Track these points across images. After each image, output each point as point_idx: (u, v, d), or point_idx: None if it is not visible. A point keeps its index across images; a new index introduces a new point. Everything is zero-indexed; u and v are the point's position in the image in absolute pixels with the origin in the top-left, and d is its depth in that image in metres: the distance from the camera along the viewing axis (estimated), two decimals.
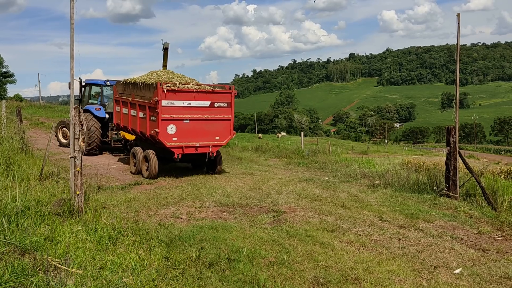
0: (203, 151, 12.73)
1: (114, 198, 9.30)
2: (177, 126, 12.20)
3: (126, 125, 14.32)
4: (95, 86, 18.28)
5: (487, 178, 11.55)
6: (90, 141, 16.65)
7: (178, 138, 12.23)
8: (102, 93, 18.02)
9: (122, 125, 14.82)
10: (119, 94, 14.97)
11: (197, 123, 12.51)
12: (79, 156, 6.99)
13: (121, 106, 14.78)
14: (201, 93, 12.49)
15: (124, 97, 14.46)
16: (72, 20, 7.03)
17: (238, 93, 13.91)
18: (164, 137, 12.01)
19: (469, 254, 6.44)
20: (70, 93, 7.29)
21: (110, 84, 17.67)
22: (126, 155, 16.63)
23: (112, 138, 17.23)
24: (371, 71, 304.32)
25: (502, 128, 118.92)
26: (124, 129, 14.83)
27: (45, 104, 45.28)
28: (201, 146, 12.62)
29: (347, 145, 54.18)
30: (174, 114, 12.10)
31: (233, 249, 6.04)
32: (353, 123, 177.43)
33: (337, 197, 10.29)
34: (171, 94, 11.96)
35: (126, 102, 14.23)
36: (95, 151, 17.04)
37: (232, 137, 13.43)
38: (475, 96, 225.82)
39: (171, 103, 12.00)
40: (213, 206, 9.03)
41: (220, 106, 12.83)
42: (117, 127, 15.81)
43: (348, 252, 6.27)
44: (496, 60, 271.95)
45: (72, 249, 5.37)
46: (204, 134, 12.65)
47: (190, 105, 12.32)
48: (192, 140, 12.46)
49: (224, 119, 12.99)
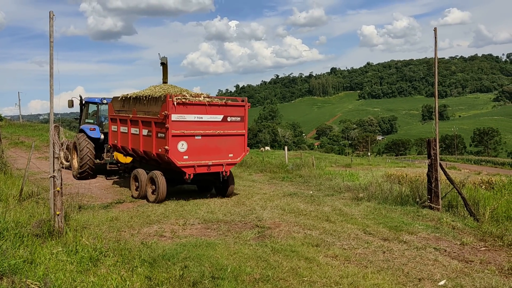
0: (216, 170, 11.68)
1: (96, 217, 9.14)
2: (188, 143, 11.13)
3: (125, 145, 13.11)
4: (92, 105, 17.28)
5: (469, 189, 11.68)
6: (82, 163, 15.43)
7: (190, 156, 11.13)
8: (99, 112, 16.94)
9: (119, 146, 13.49)
10: (116, 111, 13.68)
11: (209, 139, 11.49)
12: (59, 176, 6.88)
13: (118, 124, 13.47)
14: (213, 106, 11.52)
15: (122, 114, 13.20)
16: (52, 38, 6.98)
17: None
18: (174, 156, 10.89)
19: (453, 266, 6.48)
20: (50, 111, 7.19)
21: (107, 102, 16.31)
22: (120, 178, 15.98)
23: (106, 160, 15.91)
24: (353, 85, 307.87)
25: (482, 139, 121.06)
26: (122, 150, 13.65)
27: (25, 123, 44.64)
28: (214, 164, 11.56)
29: (331, 158, 54.49)
30: (185, 130, 11.05)
31: (218, 267, 5.97)
32: (336, 136, 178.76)
33: (322, 211, 10.30)
34: (181, 107, 10.94)
35: (125, 119, 13.00)
36: (88, 175, 15.69)
37: (246, 154, 12.47)
38: (454, 108, 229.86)
39: (181, 118, 10.97)
40: (197, 223, 8.95)
41: (233, 120, 11.88)
42: (113, 148, 14.45)
43: (333, 267, 6.25)
44: (474, 73, 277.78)
45: (52, 271, 5.25)
46: (217, 151, 11.62)
47: (201, 119, 11.31)
48: (204, 158, 11.37)
49: (238, 134, 12.02)
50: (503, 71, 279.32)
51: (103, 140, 16.01)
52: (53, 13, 7.04)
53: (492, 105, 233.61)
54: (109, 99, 15.85)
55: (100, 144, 16.05)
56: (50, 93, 6.98)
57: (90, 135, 15.86)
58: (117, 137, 13.57)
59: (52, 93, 6.99)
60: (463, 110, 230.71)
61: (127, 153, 13.54)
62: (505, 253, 7.23)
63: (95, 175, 16.18)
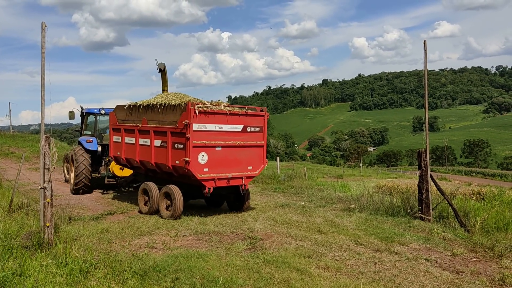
0: (236, 184, 11.07)
1: (86, 229, 9.06)
2: (209, 154, 10.50)
3: (131, 157, 12.21)
4: (91, 115, 16.39)
5: (459, 200, 11.77)
6: (77, 178, 14.56)
7: (210, 168, 10.48)
8: (97, 123, 16.09)
9: (123, 158, 12.59)
10: (120, 121, 12.76)
11: (229, 151, 10.91)
12: (49, 187, 6.83)
13: (123, 134, 12.55)
14: (234, 115, 10.96)
15: (128, 123, 12.33)
16: (44, 48, 6.99)
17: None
18: (195, 168, 10.21)
19: (444, 277, 6.50)
20: (41, 122, 7.16)
21: (105, 113, 15.72)
22: (116, 192, 15.38)
23: (102, 174, 15.10)
24: (344, 96, 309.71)
25: (472, 150, 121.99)
26: (126, 162, 12.75)
27: (15, 134, 44.25)
28: (234, 177, 10.96)
29: (323, 169, 54.51)
30: (206, 140, 10.44)
31: (209, 279, 5.94)
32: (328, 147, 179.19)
33: (313, 222, 10.30)
34: (203, 116, 10.33)
35: (131, 129, 12.15)
36: (84, 190, 14.81)
37: (264, 166, 11.92)
38: (444, 119, 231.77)
39: (202, 127, 10.34)
40: (188, 235, 8.90)
41: (252, 130, 11.34)
42: (115, 160, 13.49)
43: (325, 278, 6.24)
44: (463, 85, 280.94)
45: (42, 283, 5.20)
46: (236, 163, 11.05)
47: (222, 129, 10.73)
48: (224, 171, 10.76)
49: (257, 145, 11.49)
50: (492, 83, 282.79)
51: (100, 152, 15.26)
52: (45, 24, 7.06)
53: (481, 117, 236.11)
54: (108, 109, 15.36)
55: (98, 156, 15.29)
56: (42, 103, 6.97)
57: (87, 147, 15.03)
58: (120, 149, 12.71)
59: (44, 103, 6.97)
60: (453, 121, 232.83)
61: (131, 165, 12.76)
62: (496, 264, 7.27)
63: (91, 190, 15.28)
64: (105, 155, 15.15)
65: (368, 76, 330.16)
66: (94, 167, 15.12)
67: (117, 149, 12.95)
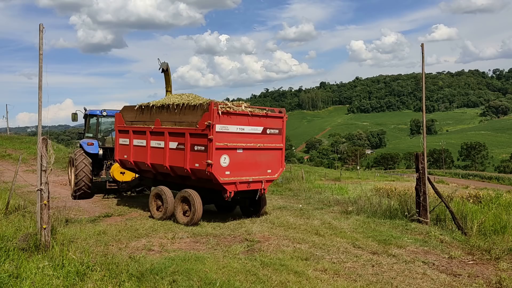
0: (255, 188, 10.65)
1: (83, 231, 9.02)
2: (230, 156, 10.07)
3: (141, 160, 11.62)
4: (93, 117, 15.83)
5: (456, 202, 11.78)
6: (77, 182, 13.89)
7: (231, 171, 10.05)
8: (99, 125, 15.61)
9: (131, 161, 11.97)
10: (128, 122, 12.18)
11: (250, 153, 10.48)
12: (46, 189, 6.82)
13: (131, 136, 11.95)
14: (255, 117, 10.57)
15: (138, 125, 11.76)
16: (41, 50, 6.97)
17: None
18: (217, 171, 9.80)
19: (441, 279, 6.50)
20: (38, 124, 7.15)
21: (108, 115, 15.22)
22: (118, 197, 14.81)
23: (103, 178, 14.55)
24: (342, 99, 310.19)
25: (469, 153, 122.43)
26: (134, 166, 12.09)
27: (12, 136, 44.17)
28: (254, 181, 10.56)
29: (320, 172, 54.58)
30: (228, 142, 10.01)
31: (206, 281, 5.92)
32: (326, 150, 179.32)
33: (311, 224, 10.29)
34: (225, 117, 9.91)
35: (142, 131, 11.57)
36: (84, 194, 14.17)
37: (283, 170, 11.56)
38: (442, 122, 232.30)
39: (225, 128, 9.92)
40: (185, 237, 8.89)
41: (272, 132, 10.96)
42: (121, 163, 12.79)
43: (323, 281, 6.24)
44: (461, 88, 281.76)
45: (38, 286, 5.18)
46: (256, 166, 10.64)
47: (243, 131, 10.29)
48: (245, 174, 10.34)
49: (276, 148, 11.12)
50: (489, 86, 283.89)
51: (102, 156, 14.72)
52: (43, 26, 7.05)
53: (479, 120, 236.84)
54: (110, 111, 15.06)
55: (99, 160, 14.76)
56: (39, 105, 6.96)
57: (88, 150, 14.38)
58: (128, 151, 12.06)
59: (41, 105, 6.96)
60: (450, 124, 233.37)
61: (139, 169, 12.17)
62: (493, 267, 7.28)
63: (92, 195, 14.74)
64: (106, 159, 14.76)
65: (366, 79, 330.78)
66: (95, 171, 14.65)
67: (123, 152, 12.32)
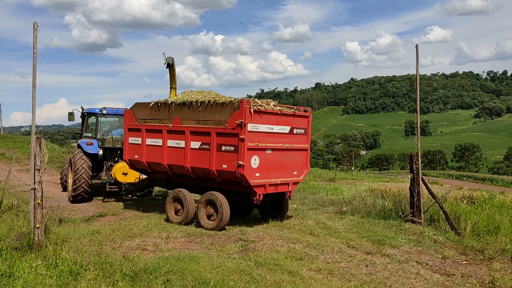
0: (282, 190, 10.18)
1: (77, 230, 8.99)
2: (260, 157, 9.54)
3: (156, 160, 11.01)
4: (92, 116, 15.06)
5: (450, 203, 11.85)
6: (75, 184, 13.17)
7: (261, 173, 9.54)
8: (98, 124, 14.74)
9: (143, 161, 11.32)
10: (140, 120, 11.55)
11: (277, 154, 9.97)
12: (40, 188, 6.78)
13: (144, 135, 11.31)
14: (283, 116, 10.08)
15: (153, 123, 11.12)
16: (35, 49, 6.94)
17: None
18: (248, 173, 9.25)
19: (435, 279, 6.53)
20: (32, 123, 7.11)
21: (108, 113, 14.67)
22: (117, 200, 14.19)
23: (103, 180, 13.94)
24: (337, 100, 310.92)
25: (463, 155, 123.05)
26: (147, 166, 11.47)
27: (6, 135, 43.87)
28: (282, 183, 10.09)
29: (315, 172, 54.68)
30: (259, 142, 9.48)
31: (200, 281, 5.91)
32: (321, 150, 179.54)
33: (305, 224, 10.31)
34: (257, 116, 9.36)
35: (158, 129, 10.93)
36: (83, 197, 13.45)
37: (308, 171, 11.09)
38: (436, 124, 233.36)
39: (255, 128, 9.37)
40: (180, 237, 8.87)
41: (298, 132, 10.49)
42: (130, 164, 12.15)
43: (317, 280, 6.24)
44: (455, 89, 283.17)
45: (31, 285, 5.15)
46: (283, 168, 10.16)
47: (272, 130, 9.80)
48: (273, 176, 9.85)
49: (302, 148, 10.68)
50: (483, 88, 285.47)
51: (102, 156, 14.09)
52: (37, 24, 7.01)
53: (473, 121, 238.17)
54: (111, 109, 14.61)
55: (99, 161, 14.12)
56: (33, 104, 6.92)
57: (87, 150, 13.69)
58: (140, 151, 11.41)
59: (35, 104, 6.92)
60: (444, 126, 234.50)
61: (152, 170, 11.59)
62: (486, 267, 7.32)
63: (91, 198, 14.10)
64: (106, 159, 14.28)
65: (361, 80, 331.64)
66: (94, 172, 14.03)
67: (134, 151, 11.65)
